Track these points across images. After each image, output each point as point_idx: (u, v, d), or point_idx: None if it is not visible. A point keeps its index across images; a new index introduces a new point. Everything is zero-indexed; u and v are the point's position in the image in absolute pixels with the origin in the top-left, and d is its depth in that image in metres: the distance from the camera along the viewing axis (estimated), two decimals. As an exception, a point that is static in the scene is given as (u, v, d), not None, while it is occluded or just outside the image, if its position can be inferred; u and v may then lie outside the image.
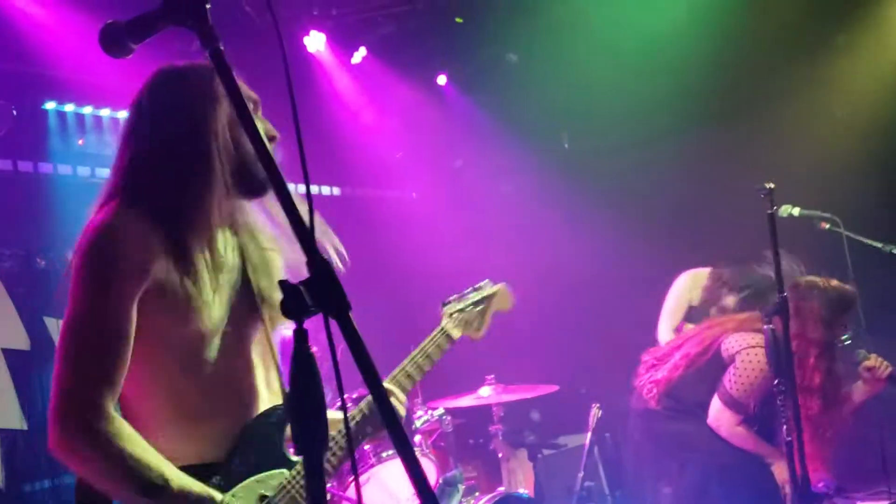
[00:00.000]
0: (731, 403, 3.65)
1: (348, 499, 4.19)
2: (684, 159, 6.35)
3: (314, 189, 1.39)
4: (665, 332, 4.62)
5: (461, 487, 4.58)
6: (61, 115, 5.75)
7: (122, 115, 6.05)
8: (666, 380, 3.89)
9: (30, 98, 5.54)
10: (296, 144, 1.36)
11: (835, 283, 3.70)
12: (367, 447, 4.25)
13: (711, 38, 5.90)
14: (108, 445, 1.73)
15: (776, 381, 3.32)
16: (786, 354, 3.33)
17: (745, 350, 3.66)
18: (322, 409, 1.33)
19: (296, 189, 1.38)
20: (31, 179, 5.64)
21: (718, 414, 3.72)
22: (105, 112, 5.97)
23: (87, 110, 5.87)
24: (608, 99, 6.47)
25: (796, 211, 4.05)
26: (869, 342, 3.85)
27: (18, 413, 5.29)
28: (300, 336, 1.32)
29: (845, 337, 3.79)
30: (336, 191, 7.55)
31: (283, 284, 1.30)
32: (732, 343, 3.76)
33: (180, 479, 1.77)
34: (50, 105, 5.69)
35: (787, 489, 3.68)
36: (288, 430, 1.93)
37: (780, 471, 3.69)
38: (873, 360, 3.76)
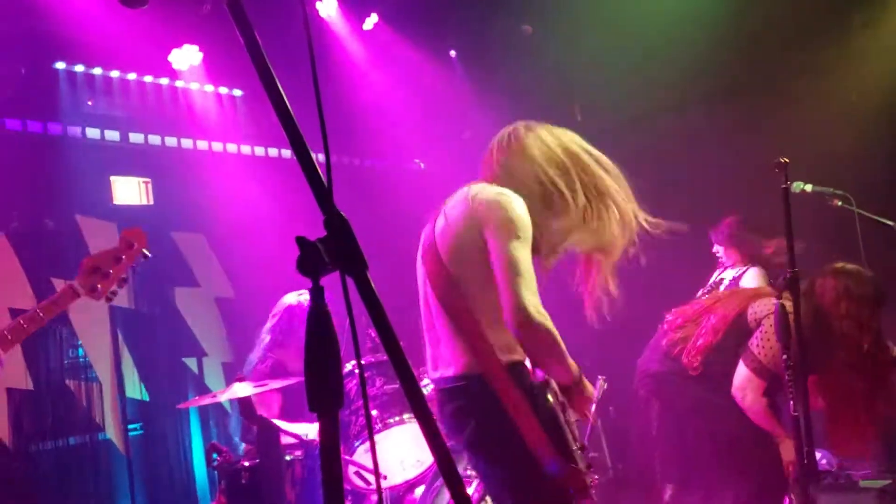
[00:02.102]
0: (758, 370, 3.60)
1: (354, 463, 4.22)
2: (697, 135, 6.31)
3: (319, 157, 1.37)
4: None
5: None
6: (71, 76, 5.73)
7: (132, 76, 6.04)
8: (705, 345, 3.83)
9: (40, 57, 5.51)
10: (306, 110, 1.36)
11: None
12: (374, 412, 4.28)
13: (728, 13, 5.84)
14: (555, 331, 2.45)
15: (784, 357, 3.30)
16: (797, 331, 3.30)
17: (774, 314, 3.62)
18: (338, 366, 1.32)
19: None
20: (40, 140, 5.63)
21: (745, 382, 3.65)
22: (115, 73, 5.94)
23: (97, 71, 5.85)
24: (621, 73, 6.41)
25: (809, 187, 4.01)
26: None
27: (25, 373, 5.32)
28: (317, 293, 1.32)
29: None
30: (343, 159, 7.53)
31: (300, 241, 1.29)
32: (760, 307, 3.71)
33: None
34: (60, 65, 5.66)
35: (791, 469, 3.68)
36: None
37: (787, 450, 3.67)
38: None
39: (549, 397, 2.50)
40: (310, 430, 4.38)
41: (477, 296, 2.49)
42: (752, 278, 5.11)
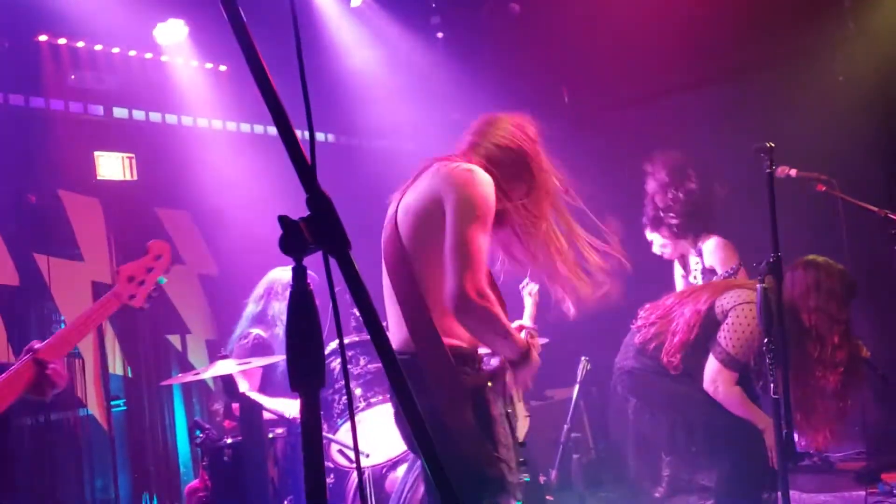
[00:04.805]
0: (728, 361, 3.63)
1: (337, 441, 4.23)
2: (685, 117, 6.32)
3: (304, 134, 1.36)
4: None
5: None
6: (54, 49, 5.65)
7: (116, 50, 5.96)
8: (682, 342, 3.84)
9: (23, 30, 5.44)
10: (290, 87, 1.35)
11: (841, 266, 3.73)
12: (357, 391, 4.29)
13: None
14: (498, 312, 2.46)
15: (766, 340, 3.33)
16: (777, 314, 3.33)
17: (740, 306, 3.65)
18: (319, 347, 1.32)
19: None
20: (23, 114, 5.57)
21: (715, 375, 3.68)
22: (99, 47, 5.87)
23: (81, 45, 5.78)
24: (610, 54, 6.40)
25: (794, 172, 4.02)
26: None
27: (6, 348, 5.29)
28: (299, 273, 1.31)
29: None
30: (330, 137, 7.48)
31: (283, 220, 1.29)
32: (727, 300, 3.74)
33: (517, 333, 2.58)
34: (43, 38, 5.59)
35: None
36: None
37: (771, 436, 3.69)
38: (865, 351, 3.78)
39: (489, 394, 2.50)
40: (289, 406, 4.39)
41: (429, 278, 2.48)
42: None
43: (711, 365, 3.70)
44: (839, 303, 3.61)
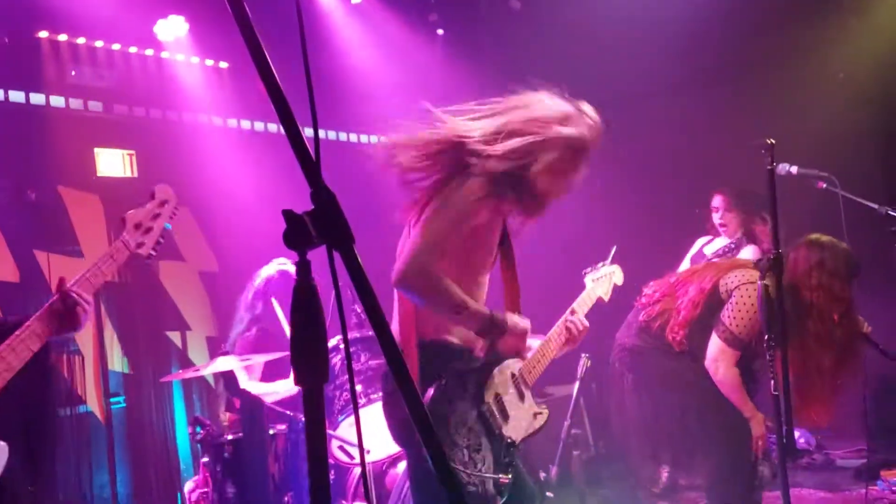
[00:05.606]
0: (731, 340, 3.62)
1: (338, 437, 4.24)
2: (686, 114, 6.32)
3: (308, 132, 1.37)
4: None
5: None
6: (55, 45, 5.65)
7: (117, 47, 5.96)
8: (686, 319, 3.82)
9: (23, 26, 5.44)
10: (293, 83, 1.35)
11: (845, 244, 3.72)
12: (358, 388, 4.29)
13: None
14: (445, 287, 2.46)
15: (766, 337, 3.32)
16: (779, 311, 3.32)
17: (745, 285, 3.63)
18: (323, 340, 1.32)
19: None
20: (23, 110, 5.56)
21: (718, 353, 3.66)
22: (99, 43, 5.87)
23: (81, 41, 5.77)
24: (611, 51, 6.40)
25: (794, 169, 4.02)
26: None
27: (7, 345, 5.28)
28: (303, 267, 1.31)
29: None
30: (331, 135, 7.48)
31: (287, 214, 1.29)
32: (731, 279, 3.72)
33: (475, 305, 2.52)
34: (43, 34, 5.58)
35: (760, 444, 3.72)
36: None
37: (756, 426, 3.70)
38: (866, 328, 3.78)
39: (449, 390, 2.46)
40: (288, 385, 4.39)
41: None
42: (749, 255, 5.17)
43: (714, 343, 3.68)
44: (842, 281, 3.60)
